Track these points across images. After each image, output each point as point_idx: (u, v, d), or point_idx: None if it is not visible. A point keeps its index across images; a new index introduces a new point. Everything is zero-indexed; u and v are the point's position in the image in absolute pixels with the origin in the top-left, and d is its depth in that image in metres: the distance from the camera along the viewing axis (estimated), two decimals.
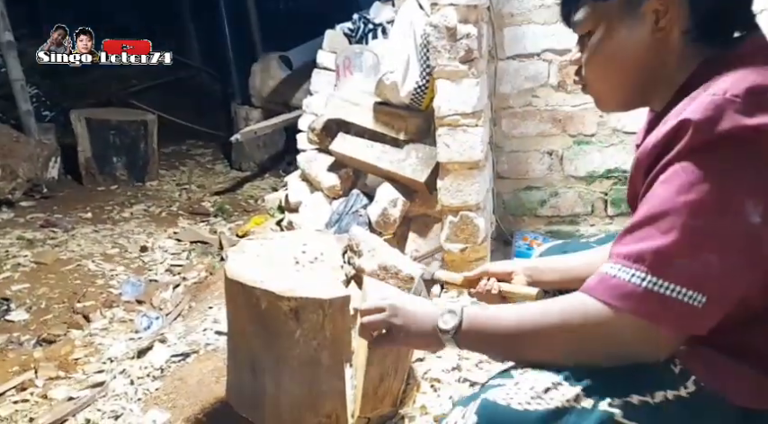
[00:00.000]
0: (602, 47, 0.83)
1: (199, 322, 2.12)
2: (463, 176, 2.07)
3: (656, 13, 0.77)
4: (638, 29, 0.79)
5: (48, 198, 3.91)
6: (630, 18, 0.80)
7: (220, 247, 3.09)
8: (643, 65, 0.81)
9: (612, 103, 0.91)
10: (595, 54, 0.85)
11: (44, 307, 2.48)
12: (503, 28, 2.28)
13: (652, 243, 0.68)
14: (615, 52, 0.83)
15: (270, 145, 4.91)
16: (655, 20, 0.78)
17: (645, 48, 0.80)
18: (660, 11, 0.77)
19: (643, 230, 0.70)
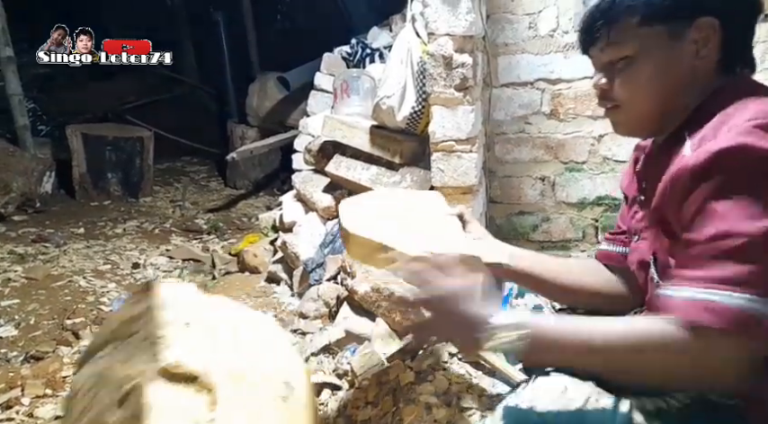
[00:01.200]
0: (642, 72, 0.84)
1: None
2: (457, 200, 2.09)
3: (696, 43, 0.81)
4: (679, 56, 0.82)
5: (40, 212, 3.90)
6: (672, 45, 0.82)
7: (213, 265, 3.09)
8: (678, 91, 0.84)
9: (637, 128, 0.92)
10: (633, 79, 0.86)
11: (33, 323, 2.46)
12: (497, 57, 2.33)
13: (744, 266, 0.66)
14: (654, 78, 0.84)
15: (265, 164, 4.94)
16: (695, 50, 0.81)
17: (682, 76, 0.83)
18: (701, 40, 0.81)
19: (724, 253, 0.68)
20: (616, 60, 0.87)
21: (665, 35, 0.82)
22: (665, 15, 0.81)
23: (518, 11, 2.27)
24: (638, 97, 0.86)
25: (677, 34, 0.82)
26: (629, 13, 0.83)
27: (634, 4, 0.82)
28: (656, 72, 0.83)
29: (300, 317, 2.19)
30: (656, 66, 0.83)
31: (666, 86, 0.84)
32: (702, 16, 0.80)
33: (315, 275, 2.33)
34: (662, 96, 0.85)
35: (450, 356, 1.82)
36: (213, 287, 2.77)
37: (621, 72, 0.86)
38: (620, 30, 0.84)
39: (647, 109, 0.87)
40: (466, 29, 1.91)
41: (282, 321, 2.23)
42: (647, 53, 0.83)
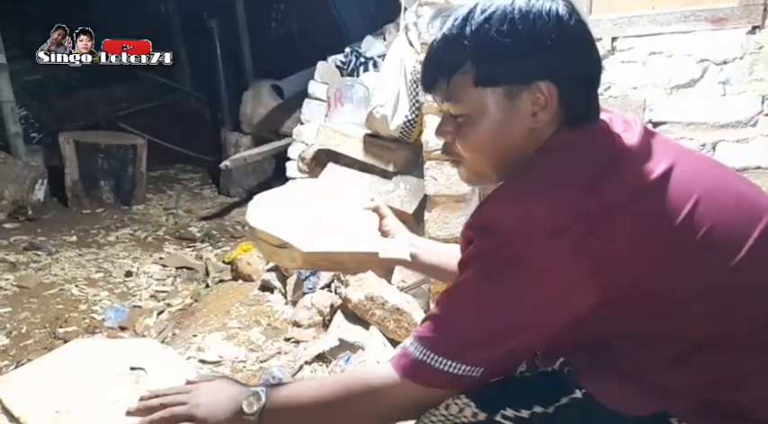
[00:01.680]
0: (477, 130, 0.82)
1: (183, 349, 2.11)
2: (450, 209, 2.10)
3: (533, 103, 0.79)
4: (516, 118, 0.80)
5: (32, 220, 3.88)
6: (509, 107, 0.80)
7: (206, 273, 3.08)
8: (515, 148, 0.82)
9: (481, 181, 0.92)
10: (469, 136, 0.83)
11: (25, 332, 2.45)
12: None
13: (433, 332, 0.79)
14: (490, 138, 0.82)
15: (259, 172, 4.93)
16: (532, 112, 0.79)
17: (519, 135, 0.81)
18: (539, 101, 0.79)
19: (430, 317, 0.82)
20: (456, 115, 0.84)
21: (501, 96, 0.79)
22: (501, 78, 0.79)
23: None
24: (477, 156, 0.85)
25: (513, 95, 0.79)
26: (462, 70, 0.80)
27: (467, 62, 0.79)
28: (494, 132, 0.81)
29: (294, 325, 2.20)
30: (493, 126, 0.81)
31: (505, 146, 0.82)
32: (539, 80, 0.78)
33: (308, 283, 2.33)
34: (499, 155, 0.84)
35: None
36: (206, 295, 2.76)
37: (461, 128, 0.84)
38: (456, 87, 0.81)
39: (486, 167, 0.86)
40: None
41: (276, 329, 2.23)
42: (484, 113, 0.81)
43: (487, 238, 0.77)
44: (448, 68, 0.81)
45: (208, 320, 2.37)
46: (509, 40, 0.77)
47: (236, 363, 2.01)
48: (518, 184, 0.80)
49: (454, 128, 0.84)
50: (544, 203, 0.74)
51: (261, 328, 2.24)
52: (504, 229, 0.75)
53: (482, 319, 0.76)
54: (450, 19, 0.82)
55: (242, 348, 2.10)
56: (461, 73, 0.80)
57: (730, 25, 2.16)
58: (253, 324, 2.27)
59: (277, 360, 1.99)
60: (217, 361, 2.01)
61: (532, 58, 0.78)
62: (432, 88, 0.85)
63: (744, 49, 2.16)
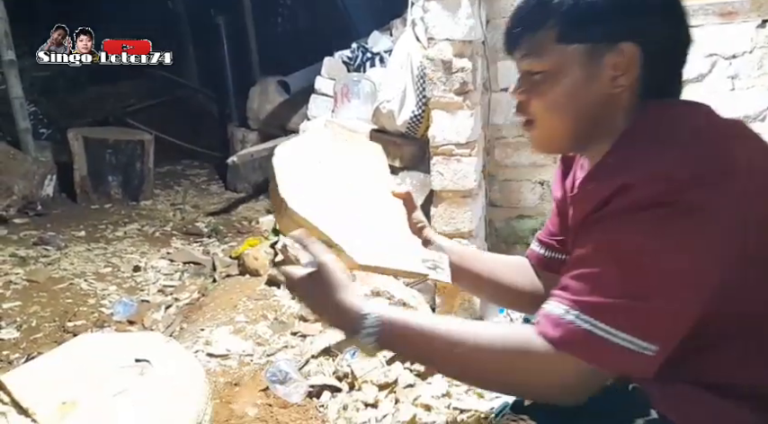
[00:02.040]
0: (556, 88, 0.80)
1: (190, 343, 2.12)
2: (456, 204, 2.11)
3: (615, 69, 0.77)
4: (595, 79, 0.78)
5: (42, 215, 3.92)
6: (590, 67, 0.78)
7: (213, 268, 3.10)
8: (592, 114, 0.80)
9: (553, 145, 0.89)
10: (547, 94, 0.81)
11: (35, 326, 2.47)
12: (497, 61, 2.35)
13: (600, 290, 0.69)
14: (568, 97, 0.80)
15: (265, 168, 4.94)
16: (612, 76, 0.78)
17: (597, 99, 0.79)
18: (620, 67, 0.77)
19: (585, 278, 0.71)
20: (533, 72, 0.82)
21: (583, 55, 0.78)
22: (584, 35, 0.77)
23: None
24: (552, 116, 0.83)
25: (595, 56, 0.77)
26: (547, 26, 0.79)
27: (552, 18, 0.78)
28: (572, 92, 0.79)
29: (301, 319, 2.20)
30: (571, 86, 0.79)
31: (581, 108, 0.80)
32: (624, 41, 0.76)
33: None
34: (576, 118, 0.81)
35: None
36: (214, 289, 2.78)
37: (537, 86, 0.82)
38: (538, 43, 0.80)
39: (560, 130, 0.83)
40: (465, 34, 1.93)
41: (283, 323, 2.24)
42: (564, 71, 0.79)
43: (650, 189, 0.68)
44: (532, 24, 0.80)
45: (215, 314, 2.38)
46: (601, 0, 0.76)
47: (243, 356, 2.02)
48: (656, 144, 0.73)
49: (532, 85, 0.83)
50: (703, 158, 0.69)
51: (268, 322, 2.25)
52: (668, 180, 0.68)
53: (659, 279, 0.68)
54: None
55: (249, 341, 2.11)
56: (546, 28, 0.79)
57: (740, 19, 2.14)
58: (260, 318, 2.28)
59: (284, 354, 2.00)
60: (224, 354, 2.02)
61: (619, 19, 0.76)
62: (514, 45, 0.84)
63: (753, 43, 2.14)
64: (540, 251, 1.11)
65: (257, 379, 1.87)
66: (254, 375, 1.90)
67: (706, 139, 0.72)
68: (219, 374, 1.92)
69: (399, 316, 0.81)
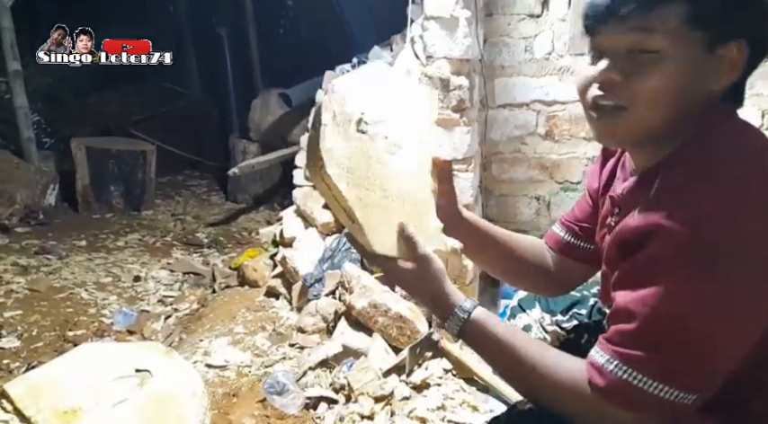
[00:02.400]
0: (667, 75, 0.72)
1: (189, 354, 2.15)
2: None
3: (723, 64, 0.72)
4: (704, 73, 0.73)
5: (43, 224, 3.95)
6: (703, 58, 0.72)
7: (213, 279, 3.12)
8: (688, 107, 0.74)
9: (631, 138, 0.79)
10: (655, 79, 0.72)
11: (35, 335, 2.49)
12: (494, 79, 2.40)
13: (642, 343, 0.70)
14: (676, 86, 0.73)
15: (266, 179, 4.99)
16: (719, 71, 0.73)
17: (697, 94, 0.74)
18: (730, 63, 0.72)
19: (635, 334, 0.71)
20: (643, 50, 0.72)
21: (703, 44, 0.71)
22: (713, 23, 0.71)
23: (514, 35, 2.33)
24: (653, 104, 0.74)
25: (712, 47, 0.72)
26: (672, 5, 0.70)
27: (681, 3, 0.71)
28: (681, 82, 0.72)
29: (299, 331, 2.23)
30: (682, 74, 0.72)
31: (682, 101, 0.74)
32: (742, 38, 0.72)
33: (314, 290, 2.37)
34: (673, 110, 0.74)
35: (445, 372, 1.85)
36: (213, 300, 2.80)
37: (644, 67, 0.72)
38: (660, 18, 0.71)
39: (654, 120, 0.75)
40: (462, 52, 1.97)
41: (281, 335, 2.26)
42: (678, 55, 0.71)
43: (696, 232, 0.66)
44: None
45: (214, 325, 2.40)
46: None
47: (241, 367, 2.04)
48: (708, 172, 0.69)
49: (636, 65, 0.73)
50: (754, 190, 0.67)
51: (266, 333, 2.28)
52: (714, 221, 0.65)
53: (701, 336, 0.68)
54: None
55: (247, 353, 2.14)
56: (674, 3, 0.70)
57: None
58: (258, 330, 2.31)
59: (282, 365, 2.03)
60: (223, 365, 2.05)
61: (747, 15, 0.72)
62: (622, 11, 0.72)
63: None
64: (561, 233, 1.11)
65: (255, 390, 1.89)
66: (252, 386, 1.93)
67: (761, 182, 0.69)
68: (218, 384, 1.94)
69: (484, 319, 0.85)
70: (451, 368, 1.86)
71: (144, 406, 1.52)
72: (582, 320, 1.21)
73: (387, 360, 1.88)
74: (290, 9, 7.53)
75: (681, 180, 0.71)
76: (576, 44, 2.23)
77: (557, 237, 1.13)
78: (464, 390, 1.79)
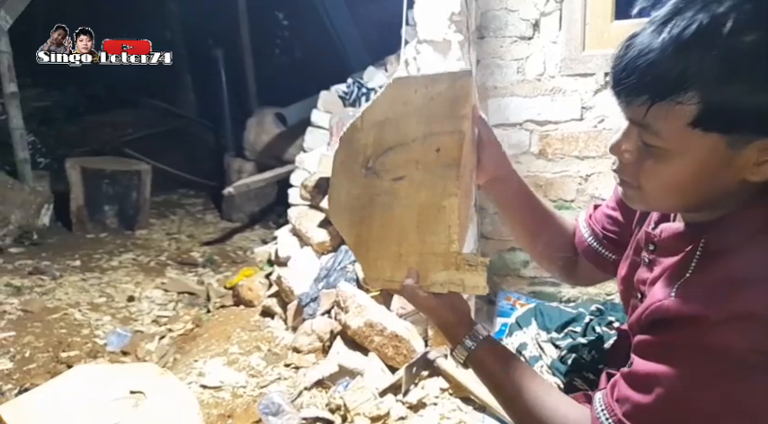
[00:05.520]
0: (676, 173, 0.68)
1: (184, 374, 2.14)
2: None
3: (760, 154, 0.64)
4: (731, 166, 0.65)
5: (37, 244, 3.93)
6: (726, 155, 0.64)
7: (207, 298, 3.11)
8: (707, 191, 0.69)
9: (654, 209, 0.82)
10: (662, 175, 0.69)
11: (28, 356, 2.47)
12: (487, 99, 2.43)
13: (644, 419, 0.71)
14: (689, 182, 0.68)
15: (261, 198, 5.00)
16: (757, 161, 0.64)
17: (728, 183, 0.68)
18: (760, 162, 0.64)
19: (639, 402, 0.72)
20: (649, 144, 0.68)
21: (720, 144, 0.63)
22: (730, 125, 0.62)
23: (506, 56, 2.37)
24: (663, 194, 0.72)
25: (737, 145, 0.63)
26: (683, 101, 0.61)
27: (692, 93, 0.61)
28: (695, 177, 0.67)
29: (294, 351, 2.22)
30: (696, 171, 0.67)
31: (703, 191, 0.69)
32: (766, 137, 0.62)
33: (309, 309, 2.37)
34: (692, 198, 0.71)
35: (441, 391, 1.85)
36: (208, 320, 2.79)
37: (650, 159, 0.69)
38: (665, 117, 0.64)
39: (668, 204, 0.75)
40: None
41: (276, 355, 2.26)
42: (691, 156, 0.65)
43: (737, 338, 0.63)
44: (663, 88, 0.62)
45: (209, 345, 2.39)
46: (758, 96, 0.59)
47: (236, 388, 2.03)
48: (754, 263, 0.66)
49: (644, 155, 0.70)
50: None
51: (261, 353, 2.27)
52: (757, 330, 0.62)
53: None
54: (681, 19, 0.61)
55: (242, 373, 2.13)
56: (680, 103, 0.61)
57: None
58: (253, 350, 2.30)
59: (277, 386, 2.02)
60: (217, 386, 2.04)
61: None
62: (629, 96, 0.66)
63: None
64: (585, 235, 1.09)
65: (250, 411, 1.88)
66: (247, 406, 1.92)
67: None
68: (212, 405, 1.93)
69: (492, 350, 0.90)
70: (448, 387, 1.86)
71: None
72: (576, 338, 1.22)
73: (383, 380, 1.88)
74: (286, 29, 7.62)
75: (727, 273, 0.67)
76: (568, 65, 2.27)
77: (581, 237, 1.10)
78: (461, 409, 1.78)
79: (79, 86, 6.57)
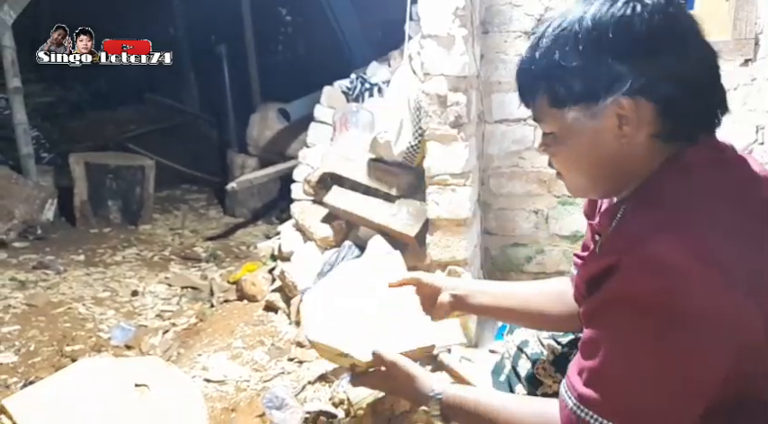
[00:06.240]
0: (566, 148, 0.82)
1: (188, 368, 2.14)
2: (452, 232, 2.16)
3: (618, 118, 0.76)
4: (601, 134, 0.78)
5: (41, 239, 3.94)
6: (592, 124, 0.78)
7: (211, 293, 3.12)
8: (609, 164, 0.80)
9: (581, 193, 0.91)
10: (559, 154, 0.85)
11: (33, 350, 2.48)
12: (491, 94, 2.43)
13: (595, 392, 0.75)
14: (579, 154, 0.81)
15: (264, 193, 5.00)
16: (618, 124, 0.76)
17: (610, 151, 0.79)
18: (623, 117, 0.75)
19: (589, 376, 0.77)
20: (547, 132, 0.85)
21: (581, 115, 0.78)
22: (573, 98, 0.77)
23: (510, 51, 2.37)
24: (570, 172, 0.85)
25: (592, 115, 0.77)
26: (539, 93, 0.81)
27: (540, 84, 0.80)
28: (581, 150, 0.80)
29: (297, 345, 2.23)
30: (579, 144, 0.80)
31: (596, 163, 0.81)
32: (614, 95, 0.74)
33: None
34: (594, 172, 0.82)
35: None
36: (211, 314, 2.80)
37: (551, 146, 0.85)
38: (537, 108, 0.83)
39: (582, 182, 0.86)
40: (459, 70, 2.00)
41: (280, 349, 2.26)
42: (568, 132, 0.80)
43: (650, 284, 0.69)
44: (528, 90, 0.83)
45: (212, 339, 2.40)
46: (574, 61, 0.75)
47: (240, 382, 2.04)
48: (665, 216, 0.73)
49: (548, 144, 0.85)
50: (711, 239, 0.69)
51: (265, 348, 2.28)
52: (670, 274, 0.68)
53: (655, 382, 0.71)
54: (530, 41, 0.83)
55: (246, 367, 2.13)
56: (538, 95, 0.81)
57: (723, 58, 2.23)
58: (257, 344, 2.31)
59: (280, 380, 2.02)
60: (221, 380, 2.04)
61: (601, 77, 0.74)
62: (525, 106, 0.86)
63: (737, 81, 2.23)
64: (573, 270, 1.12)
65: (254, 405, 1.89)
66: (251, 400, 1.92)
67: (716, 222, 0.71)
68: (216, 399, 1.94)
69: (458, 395, 0.98)
70: (452, 382, 1.86)
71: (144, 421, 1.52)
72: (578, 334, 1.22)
73: None
74: (289, 25, 7.61)
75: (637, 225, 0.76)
76: None
77: (573, 274, 1.14)
78: None
79: (83, 82, 6.58)
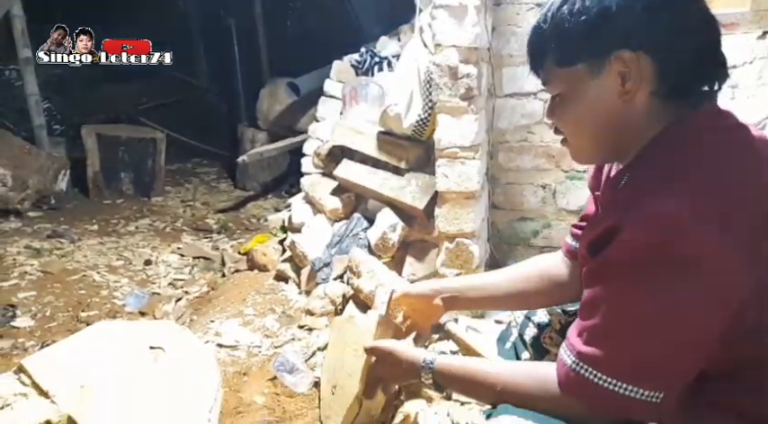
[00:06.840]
0: (571, 108, 0.84)
1: (201, 334, 2.20)
2: (460, 205, 2.17)
3: (621, 76, 0.78)
4: (605, 91, 0.80)
5: (55, 209, 4.01)
6: (596, 81, 0.80)
7: (222, 263, 3.18)
8: (613, 124, 0.82)
9: (586, 158, 0.93)
10: (565, 115, 0.86)
11: (49, 315, 2.55)
12: (502, 68, 2.41)
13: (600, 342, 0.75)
14: (584, 113, 0.84)
15: (274, 167, 5.03)
16: (621, 82, 0.78)
17: (613, 109, 0.81)
18: (625, 73, 0.78)
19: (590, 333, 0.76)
20: (554, 96, 0.88)
21: (585, 73, 0.81)
22: (577, 55, 0.81)
23: (523, 24, 2.35)
24: (577, 134, 0.88)
25: (597, 71, 0.80)
26: (547, 55, 0.84)
27: (547, 45, 0.84)
28: (586, 109, 0.83)
29: (307, 314, 2.28)
30: (584, 103, 0.83)
31: (600, 120, 0.83)
32: (618, 50, 0.77)
33: (322, 274, 2.41)
34: (598, 132, 0.85)
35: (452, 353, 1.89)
36: (223, 283, 2.85)
37: (559, 109, 0.87)
38: (546, 71, 0.86)
39: (587, 144, 0.88)
40: (471, 41, 1.99)
41: (290, 317, 2.31)
42: (574, 91, 0.83)
43: (646, 237, 0.70)
44: (537, 54, 0.86)
45: (224, 307, 2.45)
46: (581, 19, 0.78)
47: (251, 347, 2.09)
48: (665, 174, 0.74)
49: (556, 108, 0.88)
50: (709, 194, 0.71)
51: (275, 315, 2.33)
52: (666, 226, 0.69)
53: (654, 332, 0.72)
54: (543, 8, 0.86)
55: (257, 333, 2.19)
56: (547, 57, 0.84)
57: (740, 30, 2.20)
58: (268, 312, 2.36)
59: (291, 346, 2.07)
60: (233, 345, 2.10)
61: (604, 31, 0.78)
62: (535, 74, 0.89)
63: (754, 54, 2.20)
64: (570, 241, 1.15)
65: (265, 369, 1.94)
66: (262, 365, 1.98)
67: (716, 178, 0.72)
68: (229, 363, 2.00)
69: (449, 364, 0.97)
70: (458, 350, 1.90)
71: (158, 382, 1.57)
72: None
73: None
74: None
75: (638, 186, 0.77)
76: None
77: (567, 245, 1.16)
78: None
79: None
